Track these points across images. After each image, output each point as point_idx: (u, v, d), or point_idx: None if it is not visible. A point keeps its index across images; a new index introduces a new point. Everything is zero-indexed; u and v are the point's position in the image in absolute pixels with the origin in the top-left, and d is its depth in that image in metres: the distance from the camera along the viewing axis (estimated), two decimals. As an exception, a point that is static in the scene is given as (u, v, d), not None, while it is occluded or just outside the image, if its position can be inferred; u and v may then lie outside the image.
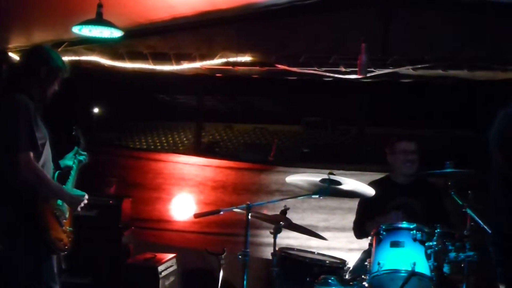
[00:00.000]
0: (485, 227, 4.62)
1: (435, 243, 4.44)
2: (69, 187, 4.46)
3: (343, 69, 5.99)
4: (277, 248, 4.97)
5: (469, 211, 4.73)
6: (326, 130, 7.28)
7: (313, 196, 4.80)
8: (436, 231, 4.50)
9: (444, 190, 5.00)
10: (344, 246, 6.35)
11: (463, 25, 5.69)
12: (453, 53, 5.67)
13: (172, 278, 6.35)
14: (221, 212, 4.84)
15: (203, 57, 6.36)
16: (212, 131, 8.39)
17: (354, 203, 5.71)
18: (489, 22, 5.61)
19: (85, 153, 4.69)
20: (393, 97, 6.62)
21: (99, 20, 5.34)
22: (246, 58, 6.25)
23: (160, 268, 6.08)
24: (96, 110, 7.82)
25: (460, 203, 4.80)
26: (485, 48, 5.65)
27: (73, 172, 4.55)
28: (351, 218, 5.72)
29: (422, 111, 6.44)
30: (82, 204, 4.39)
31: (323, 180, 4.74)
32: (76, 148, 4.69)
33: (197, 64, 6.39)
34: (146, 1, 5.71)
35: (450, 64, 5.74)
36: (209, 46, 6.35)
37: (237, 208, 4.76)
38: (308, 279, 4.83)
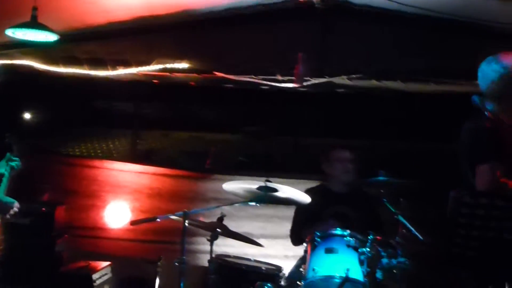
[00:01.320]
0: (417, 234, 4.74)
1: (368, 249, 4.52)
2: (1, 194, 4.37)
3: (280, 78, 6.05)
4: (213, 256, 4.98)
5: (401, 218, 4.84)
6: (263, 140, 7.30)
7: (250, 204, 4.86)
8: (369, 237, 4.59)
9: (377, 198, 5.11)
10: (280, 253, 6.39)
11: (401, 38, 5.81)
12: (389, 65, 5.78)
13: (106, 287, 6.26)
14: (158, 219, 4.81)
15: (140, 63, 6.30)
16: (148, 139, 8.29)
17: (290, 211, 5.76)
18: (426, 35, 5.75)
19: (17, 159, 4.60)
20: (331, 108, 6.70)
21: (33, 23, 5.24)
22: (184, 65, 6.23)
23: (94, 276, 5.99)
24: (30, 115, 7.66)
25: (393, 210, 4.92)
26: (421, 61, 5.78)
27: (5, 179, 4.46)
28: (287, 225, 5.77)
29: (359, 122, 6.52)
30: (11, 212, 4.30)
31: (260, 188, 4.81)
32: (8, 154, 4.60)
33: (134, 70, 6.33)
34: (82, 5, 5.63)
35: (384, 75, 5.85)
36: (146, 52, 6.30)
37: (173, 215, 4.74)
38: (244, 286, 4.86)
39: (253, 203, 4.85)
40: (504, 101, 3.82)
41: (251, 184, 4.84)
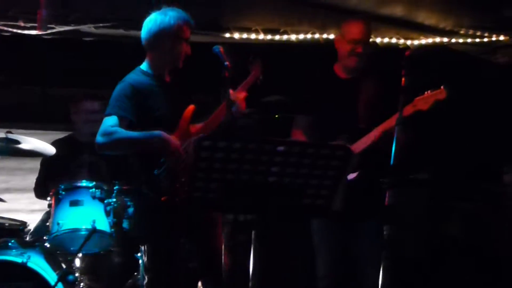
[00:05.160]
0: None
1: (114, 199, 4.53)
2: None
3: (23, 24, 5.70)
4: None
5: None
6: (7, 91, 6.91)
7: (-10, 157, 4.64)
8: (115, 188, 4.59)
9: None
10: (25, 208, 6.20)
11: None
12: (136, 13, 5.71)
13: None
14: None
15: None
16: None
17: (35, 163, 5.59)
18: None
19: None
20: (77, 56, 6.48)
21: None
22: None
23: None
24: None
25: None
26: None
27: None
28: (32, 178, 5.60)
29: (106, 71, 6.38)
30: None
31: (0, 139, 4.62)
32: None
33: None
34: None
35: (131, 24, 5.77)
36: None
37: None
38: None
39: (-6, 156, 4.65)
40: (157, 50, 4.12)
41: (-10, 136, 4.61)
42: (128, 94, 3.95)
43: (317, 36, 6.10)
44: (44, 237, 4.69)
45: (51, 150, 4.88)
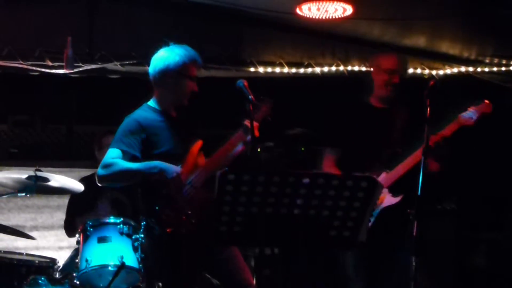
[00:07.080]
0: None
1: (142, 235, 4.52)
2: None
3: (50, 63, 5.79)
4: (-21, 252, 4.72)
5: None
6: (34, 129, 6.99)
7: (19, 194, 4.69)
8: (142, 223, 4.60)
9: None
10: (53, 245, 6.23)
11: (164, 23, 5.84)
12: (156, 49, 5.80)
13: None
14: None
15: None
16: None
17: (62, 201, 5.65)
18: (189, 20, 5.84)
19: None
20: (102, 94, 6.57)
21: None
22: None
23: None
24: None
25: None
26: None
27: None
28: (60, 216, 5.65)
29: (131, 108, 6.45)
30: None
31: (29, 177, 4.65)
32: None
33: None
34: None
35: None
36: None
37: None
38: (16, 281, 4.64)
39: (23, 194, 4.69)
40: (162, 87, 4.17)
41: (19, 174, 4.67)
42: (132, 129, 4.00)
43: (341, 68, 6.13)
44: (73, 274, 4.67)
45: (79, 187, 4.91)
